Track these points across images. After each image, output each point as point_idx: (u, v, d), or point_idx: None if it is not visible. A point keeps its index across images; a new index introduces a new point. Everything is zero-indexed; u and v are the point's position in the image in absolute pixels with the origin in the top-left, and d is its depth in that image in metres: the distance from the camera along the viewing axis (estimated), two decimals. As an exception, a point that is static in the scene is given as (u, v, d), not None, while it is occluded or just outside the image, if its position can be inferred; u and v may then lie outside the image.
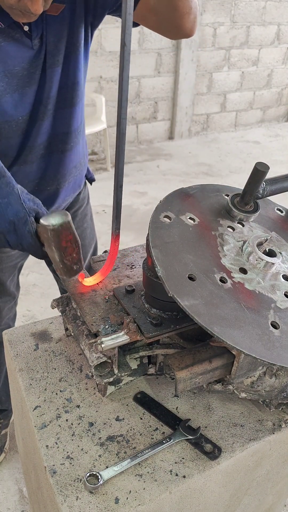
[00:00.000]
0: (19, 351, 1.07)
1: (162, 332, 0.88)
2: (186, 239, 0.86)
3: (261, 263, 0.86)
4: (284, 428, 0.92)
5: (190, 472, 0.83)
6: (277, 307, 0.82)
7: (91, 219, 1.68)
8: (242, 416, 0.94)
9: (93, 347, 0.85)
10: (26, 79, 1.13)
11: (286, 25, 5.73)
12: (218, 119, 5.82)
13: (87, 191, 1.61)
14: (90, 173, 1.59)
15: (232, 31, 5.37)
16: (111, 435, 0.89)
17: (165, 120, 5.47)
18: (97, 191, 4.20)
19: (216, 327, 0.73)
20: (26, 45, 1.09)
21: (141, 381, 1.00)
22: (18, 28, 1.06)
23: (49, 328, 1.14)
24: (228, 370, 0.88)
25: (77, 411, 0.93)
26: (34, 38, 1.09)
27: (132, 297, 0.96)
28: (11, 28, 1.05)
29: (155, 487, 0.80)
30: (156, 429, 0.90)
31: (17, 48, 1.08)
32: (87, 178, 1.57)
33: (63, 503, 0.77)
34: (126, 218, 3.80)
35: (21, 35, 1.07)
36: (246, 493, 1.00)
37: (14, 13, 0.97)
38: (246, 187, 0.91)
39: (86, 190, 1.60)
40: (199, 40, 5.14)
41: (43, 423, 0.91)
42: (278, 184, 0.97)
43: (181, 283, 0.77)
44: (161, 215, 0.88)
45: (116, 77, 4.68)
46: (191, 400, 0.97)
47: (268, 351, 0.74)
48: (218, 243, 0.88)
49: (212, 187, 1.02)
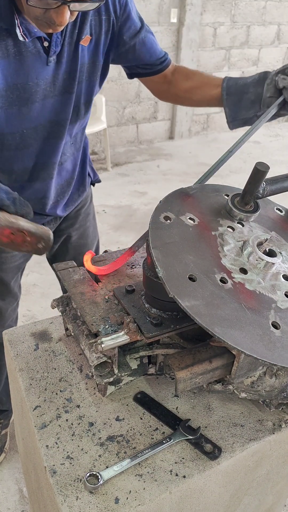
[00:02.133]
0: (19, 351, 1.07)
1: (162, 332, 0.88)
2: (186, 240, 0.85)
3: (261, 263, 0.85)
4: (284, 428, 0.92)
5: (190, 472, 0.83)
6: (277, 307, 0.82)
7: (94, 218, 1.69)
8: (242, 416, 0.94)
9: (93, 347, 0.85)
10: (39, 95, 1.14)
11: (286, 25, 5.73)
12: (218, 119, 5.81)
13: (90, 190, 1.62)
14: (96, 175, 1.59)
15: (232, 31, 5.37)
16: (111, 435, 0.89)
17: (165, 120, 5.47)
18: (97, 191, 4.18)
19: (217, 328, 0.73)
20: (42, 60, 1.10)
21: (141, 381, 1.00)
22: (38, 43, 1.08)
23: (49, 328, 1.14)
24: (228, 370, 0.88)
25: (77, 411, 0.93)
26: (51, 55, 1.10)
27: (132, 297, 0.96)
28: (32, 42, 1.07)
29: (155, 487, 0.80)
30: (156, 429, 0.90)
31: (33, 63, 1.09)
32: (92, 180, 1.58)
33: (63, 503, 0.77)
34: (126, 218, 3.80)
35: (39, 50, 1.08)
36: (246, 493, 1.00)
37: (40, 24, 0.99)
38: (246, 187, 0.91)
39: (89, 189, 1.60)
40: (199, 40, 5.14)
41: (43, 423, 0.91)
42: (278, 184, 0.97)
43: (181, 284, 0.77)
44: (161, 216, 0.88)
45: (117, 77, 4.68)
46: (191, 400, 0.97)
47: (269, 352, 0.74)
48: (218, 243, 0.88)
49: (212, 187, 1.02)
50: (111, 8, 1.17)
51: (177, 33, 5.00)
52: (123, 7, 1.20)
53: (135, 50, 1.26)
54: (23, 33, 1.03)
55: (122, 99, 4.97)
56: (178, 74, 1.36)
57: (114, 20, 1.19)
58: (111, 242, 3.40)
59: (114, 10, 1.18)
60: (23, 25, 1.02)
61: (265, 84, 1.16)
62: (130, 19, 1.22)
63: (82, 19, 1.13)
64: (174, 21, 4.91)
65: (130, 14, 1.22)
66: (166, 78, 1.36)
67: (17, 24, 1.01)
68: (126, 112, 5.08)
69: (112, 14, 1.18)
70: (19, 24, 1.02)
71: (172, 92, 1.38)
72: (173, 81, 1.36)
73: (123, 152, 5.18)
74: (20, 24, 1.02)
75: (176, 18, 4.91)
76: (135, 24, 1.24)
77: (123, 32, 1.22)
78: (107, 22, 1.18)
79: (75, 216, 1.56)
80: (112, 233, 3.56)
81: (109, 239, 3.46)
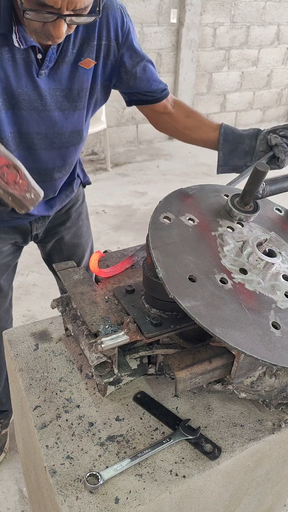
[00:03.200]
0: (19, 351, 1.07)
1: (162, 332, 0.88)
2: (186, 240, 0.86)
3: (261, 263, 0.86)
4: (284, 428, 0.92)
5: (190, 472, 0.83)
6: (277, 308, 0.82)
7: (87, 218, 1.68)
8: (242, 416, 0.94)
9: (93, 347, 0.85)
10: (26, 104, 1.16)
11: (286, 25, 5.74)
12: (218, 119, 5.81)
13: (81, 190, 1.62)
14: (86, 177, 1.59)
15: (232, 31, 5.38)
16: (111, 435, 0.89)
17: (165, 120, 5.46)
18: (97, 191, 4.21)
19: (217, 328, 0.73)
20: (33, 71, 1.12)
21: (141, 381, 1.00)
22: (32, 54, 1.10)
23: (49, 328, 1.14)
24: (228, 370, 0.88)
25: (77, 411, 0.93)
26: (43, 68, 1.13)
27: (132, 297, 0.96)
28: (26, 51, 1.10)
29: (155, 487, 0.80)
30: (156, 429, 0.90)
31: (25, 72, 1.12)
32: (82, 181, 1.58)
33: (63, 503, 0.78)
34: (126, 218, 3.80)
35: (32, 60, 1.11)
36: (246, 493, 1.00)
37: (39, 37, 1.02)
38: (246, 187, 0.91)
39: (80, 189, 1.61)
40: (199, 40, 5.14)
41: (43, 423, 0.91)
42: (278, 184, 0.98)
43: (182, 285, 0.77)
44: (161, 216, 0.88)
45: (116, 77, 4.68)
46: (191, 400, 0.97)
47: (269, 352, 0.74)
48: (218, 244, 0.88)
49: (212, 187, 1.02)
50: (112, 35, 1.20)
51: (176, 33, 5.01)
52: (125, 35, 1.23)
53: (137, 77, 1.30)
54: (19, 40, 1.06)
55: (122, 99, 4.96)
56: (179, 109, 1.42)
57: (115, 47, 1.22)
58: (111, 242, 3.41)
59: (115, 37, 1.21)
60: (20, 33, 1.06)
61: (258, 139, 1.29)
62: (132, 48, 1.26)
63: (82, 41, 1.16)
64: (174, 21, 4.91)
65: (132, 43, 1.26)
66: (166, 109, 1.41)
67: (14, 31, 1.05)
68: (126, 112, 5.08)
69: (113, 41, 1.21)
70: (16, 31, 1.05)
71: (172, 126, 1.44)
72: (174, 115, 1.42)
73: (123, 152, 5.18)
74: (17, 31, 1.06)
75: (176, 18, 4.91)
76: (137, 52, 1.27)
77: (124, 59, 1.26)
78: (106, 48, 1.21)
79: (67, 215, 1.56)
80: (112, 233, 3.56)
81: (109, 239, 3.46)
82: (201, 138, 1.41)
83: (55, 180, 1.36)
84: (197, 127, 1.41)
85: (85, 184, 1.61)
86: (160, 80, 1.37)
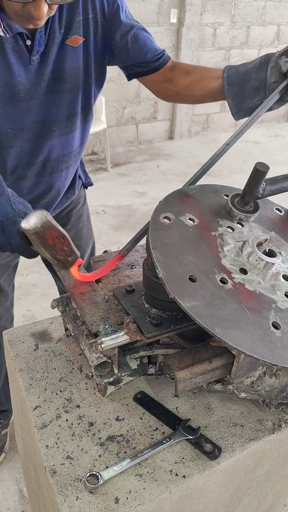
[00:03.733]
0: (19, 351, 1.07)
1: (162, 332, 0.88)
2: (186, 240, 0.86)
3: (261, 263, 0.86)
4: (284, 428, 0.92)
5: (190, 472, 0.83)
6: (278, 308, 0.82)
7: (88, 220, 1.67)
8: (242, 416, 0.94)
9: (93, 347, 0.85)
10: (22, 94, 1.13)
11: (286, 25, 5.73)
12: (218, 119, 5.81)
13: (82, 191, 1.61)
14: (88, 178, 1.58)
15: (232, 31, 5.38)
16: (111, 435, 0.89)
17: (165, 120, 5.47)
18: (97, 191, 4.21)
19: (217, 329, 0.73)
20: (25, 59, 1.09)
21: (141, 381, 1.00)
22: (21, 41, 1.07)
23: (49, 328, 1.14)
24: (228, 370, 0.88)
25: (77, 411, 0.93)
26: (34, 54, 1.10)
27: (132, 297, 0.96)
28: (14, 39, 1.06)
29: (155, 487, 0.80)
30: (156, 429, 0.90)
31: (16, 61, 1.09)
32: (83, 183, 1.57)
33: (63, 503, 0.78)
34: (126, 218, 3.80)
35: (22, 48, 1.08)
36: (246, 493, 1.00)
37: (20, 20, 0.99)
38: (246, 187, 0.91)
39: (81, 191, 1.59)
40: (199, 40, 5.14)
41: (43, 423, 0.91)
42: (278, 184, 0.97)
43: (182, 285, 0.77)
44: (161, 216, 0.88)
45: (117, 77, 4.68)
46: (191, 400, 0.97)
47: (269, 352, 0.74)
48: (218, 244, 0.88)
49: (212, 187, 1.02)
50: (97, 6, 1.16)
51: (176, 33, 5.01)
52: (111, 4, 1.18)
53: (128, 49, 1.23)
54: (4, 29, 1.02)
55: (122, 99, 4.97)
56: (178, 71, 1.30)
57: (102, 18, 1.17)
58: (111, 242, 3.41)
59: (101, 9, 1.17)
60: (4, 22, 1.02)
61: (268, 68, 1.08)
62: (118, 17, 1.19)
63: (68, 19, 1.12)
64: (174, 21, 4.92)
65: (119, 11, 1.19)
66: (166, 76, 1.31)
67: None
68: (126, 112, 5.08)
69: (99, 13, 1.16)
70: (1, 21, 1.01)
71: (173, 90, 1.32)
72: (173, 79, 1.31)
73: (123, 152, 5.18)
74: (2, 20, 1.01)
75: (176, 18, 4.91)
76: (125, 22, 1.21)
77: (113, 30, 1.20)
78: (94, 21, 1.16)
79: (67, 217, 1.56)
80: (112, 233, 3.57)
81: (109, 239, 3.46)
82: (205, 93, 1.26)
83: (61, 171, 1.33)
84: (198, 82, 1.27)
85: (87, 185, 1.60)
86: (156, 47, 1.27)
